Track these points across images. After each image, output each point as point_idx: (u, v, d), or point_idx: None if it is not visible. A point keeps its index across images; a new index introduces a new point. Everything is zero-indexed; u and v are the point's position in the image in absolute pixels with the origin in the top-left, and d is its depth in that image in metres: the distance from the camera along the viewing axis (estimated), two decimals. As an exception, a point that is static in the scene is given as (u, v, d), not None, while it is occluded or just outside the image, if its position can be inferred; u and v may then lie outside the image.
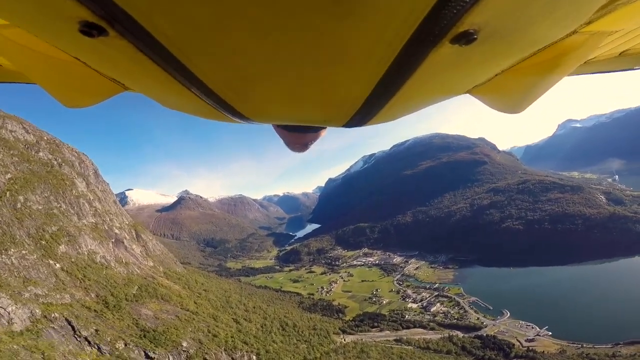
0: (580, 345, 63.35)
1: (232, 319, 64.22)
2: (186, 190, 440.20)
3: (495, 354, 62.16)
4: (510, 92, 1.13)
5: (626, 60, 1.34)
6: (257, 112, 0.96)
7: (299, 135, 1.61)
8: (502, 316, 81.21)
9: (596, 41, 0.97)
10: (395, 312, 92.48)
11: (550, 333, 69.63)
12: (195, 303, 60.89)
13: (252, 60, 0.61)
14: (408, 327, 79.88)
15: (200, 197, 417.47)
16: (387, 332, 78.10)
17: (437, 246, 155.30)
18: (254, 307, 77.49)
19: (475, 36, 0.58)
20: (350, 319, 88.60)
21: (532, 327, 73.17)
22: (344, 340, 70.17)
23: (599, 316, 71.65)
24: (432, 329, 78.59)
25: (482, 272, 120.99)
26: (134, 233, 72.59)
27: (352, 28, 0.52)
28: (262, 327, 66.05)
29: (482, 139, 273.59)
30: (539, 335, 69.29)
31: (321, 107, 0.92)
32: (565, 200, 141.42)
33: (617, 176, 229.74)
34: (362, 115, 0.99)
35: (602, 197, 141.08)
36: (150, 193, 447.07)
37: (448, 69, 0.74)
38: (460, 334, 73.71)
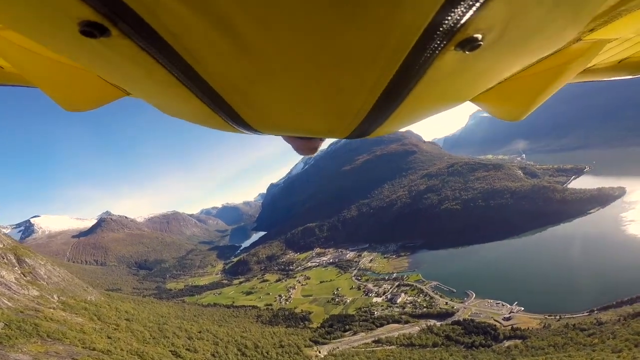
0: (558, 317, 61.26)
1: (170, 351, 48.94)
2: (107, 212, 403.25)
3: (483, 339, 57.52)
4: (513, 99, 1.12)
5: (625, 69, 1.38)
6: (262, 119, 0.92)
7: (307, 140, 1.54)
8: (469, 297, 78.84)
9: (598, 48, 0.99)
10: (363, 309, 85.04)
11: (522, 308, 67.77)
12: (109, 338, 44.73)
13: (257, 61, 0.60)
14: (382, 324, 72.91)
15: (125, 217, 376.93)
16: (362, 334, 69.74)
17: (385, 236, 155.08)
18: (200, 332, 61.93)
19: (480, 42, 0.57)
20: (319, 326, 78.61)
21: (503, 305, 70.90)
22: (319, 353, 59.27)
23: (556, 285, 71.85)
24: (407, 322, 72.56)
25: (432, 256, 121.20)
26: (11, 257, 51.48)
27: (355, 31, 0.51)
28: (213, 355, 51.62)
29: (409, 132, 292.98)
30: (514, 312, 67.01)
31: (325, 115, 0.88)
32: (491, 178, 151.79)
33: (524, 154, 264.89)
34: (367, 125, 0.95)
35: (520, 171, 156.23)
36: (62, 218, 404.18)
37: (453, 76, 0.73)
38: (437, 323, 68.66)
